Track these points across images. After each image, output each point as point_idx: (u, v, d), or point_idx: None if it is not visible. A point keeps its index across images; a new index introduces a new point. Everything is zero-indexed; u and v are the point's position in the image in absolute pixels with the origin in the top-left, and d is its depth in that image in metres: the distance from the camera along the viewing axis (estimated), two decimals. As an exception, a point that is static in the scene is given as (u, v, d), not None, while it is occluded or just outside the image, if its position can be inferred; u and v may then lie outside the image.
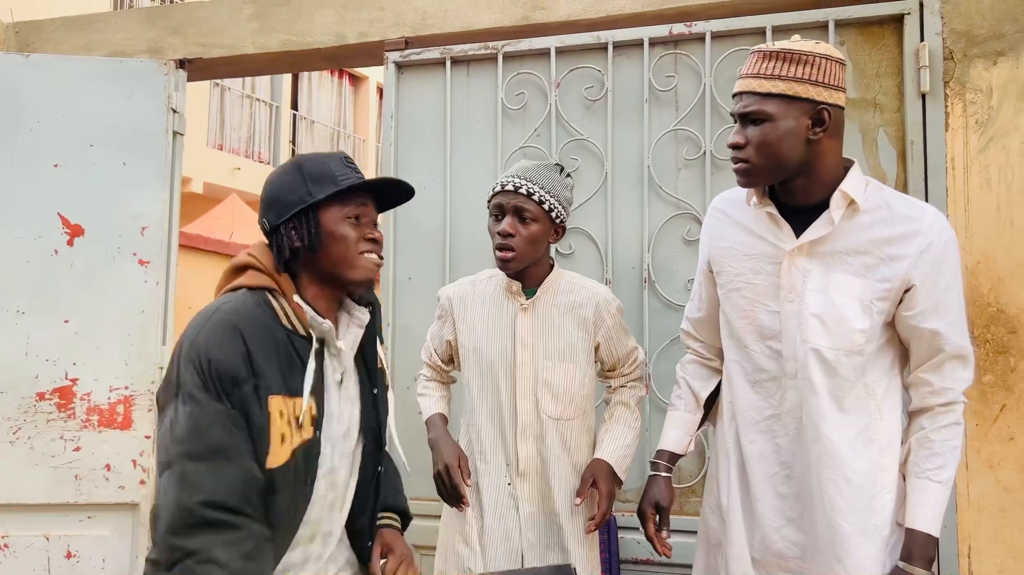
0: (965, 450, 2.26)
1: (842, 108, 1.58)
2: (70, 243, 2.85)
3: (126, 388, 2.82)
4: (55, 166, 2.86)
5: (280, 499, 1.34)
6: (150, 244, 2.87)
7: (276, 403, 1.33)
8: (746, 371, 1.72)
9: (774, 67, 1.53)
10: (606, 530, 2.27)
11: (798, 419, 1.63)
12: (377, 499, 1.61)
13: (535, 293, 1.99)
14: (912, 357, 1.61)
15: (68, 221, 2.85)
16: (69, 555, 2.79)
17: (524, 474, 1.96)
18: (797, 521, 1.65)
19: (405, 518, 1.71)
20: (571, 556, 1.94)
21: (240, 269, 1.46)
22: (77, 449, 2.79)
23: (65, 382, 2.81)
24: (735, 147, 1.59)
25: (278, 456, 1.32)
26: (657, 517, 1.84)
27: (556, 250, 2.65)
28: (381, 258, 1.51)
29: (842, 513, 1.57)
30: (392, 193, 1.55)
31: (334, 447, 1.46)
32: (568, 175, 2.00)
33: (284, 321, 1.40)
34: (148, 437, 2.82)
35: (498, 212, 1.93)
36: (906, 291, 1.55)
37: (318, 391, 1.41)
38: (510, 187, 1.90)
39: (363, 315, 1.55)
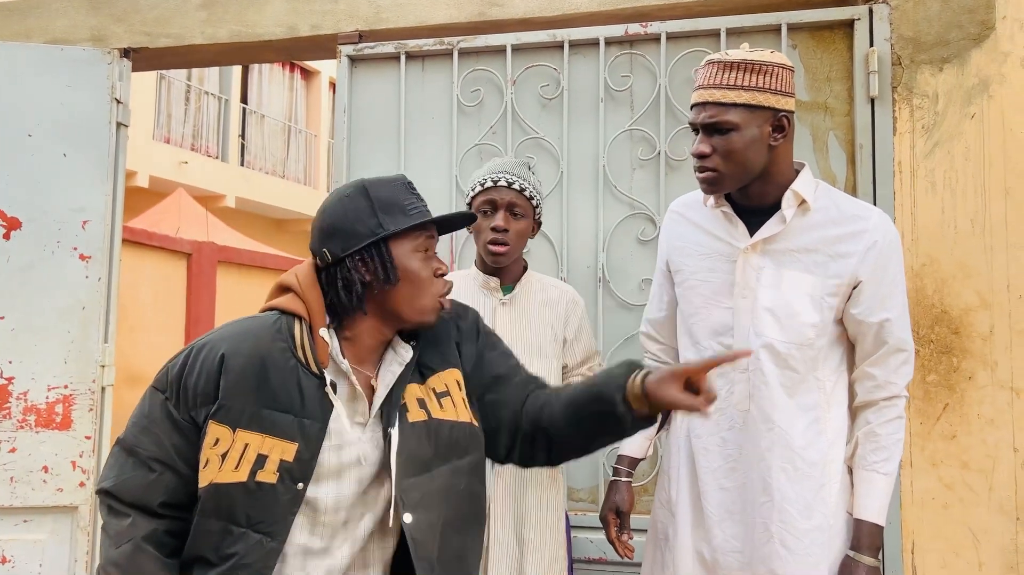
0: (909, 448, 2.31)
1: (794, 112, 1.64)
2: (6, 236, 2.74)
3: (65, 387, 2.73)
4: (-9, 156, 2.76)
5: (211, 523, 1.29)
6: (92, 238, 2.78)
7: (215, 430, 1.30)
8: None
9: (735, 78, 1.57)
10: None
11: (745, 412, 1.66)
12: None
13: (512, 290, 2.01)
14: (858, 352, 1.67)
15: (4, 214, 2.74)
16: (4, 560, 2.68)
17: (498, 472, 1.96)
18: (738, 515, 1.68)
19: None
20: (535, 556, 1.95)
21: (284, 289, 1.39)
22: (12, 450, 2.69)
23: (0, 381, 2.71)
24: (700, 156, 1.61)
25: (203, 478, 1.30)
26: (618, 521, 1.89)
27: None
28: (450, 300, 1.41)
29: (791, 500, 1.61)
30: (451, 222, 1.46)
31: (339, 494, 1.33)
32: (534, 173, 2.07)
33: (299, 353, 1.33)
34: (88, 438, 2.73)
35: (489, 208, 1.95)
36: (854, 287, 1.61)
37: (314, 440, 1.30)
38: (503, 183, 1.93)
39: (406, 352, 1.40)
